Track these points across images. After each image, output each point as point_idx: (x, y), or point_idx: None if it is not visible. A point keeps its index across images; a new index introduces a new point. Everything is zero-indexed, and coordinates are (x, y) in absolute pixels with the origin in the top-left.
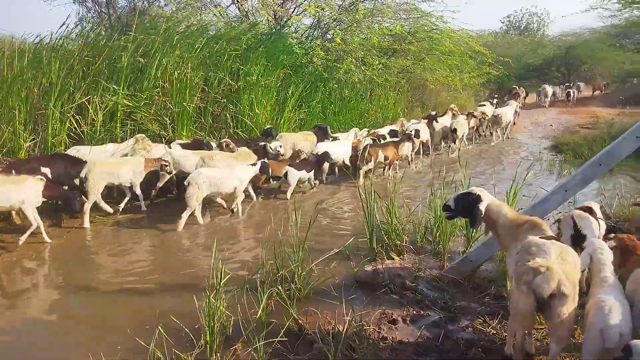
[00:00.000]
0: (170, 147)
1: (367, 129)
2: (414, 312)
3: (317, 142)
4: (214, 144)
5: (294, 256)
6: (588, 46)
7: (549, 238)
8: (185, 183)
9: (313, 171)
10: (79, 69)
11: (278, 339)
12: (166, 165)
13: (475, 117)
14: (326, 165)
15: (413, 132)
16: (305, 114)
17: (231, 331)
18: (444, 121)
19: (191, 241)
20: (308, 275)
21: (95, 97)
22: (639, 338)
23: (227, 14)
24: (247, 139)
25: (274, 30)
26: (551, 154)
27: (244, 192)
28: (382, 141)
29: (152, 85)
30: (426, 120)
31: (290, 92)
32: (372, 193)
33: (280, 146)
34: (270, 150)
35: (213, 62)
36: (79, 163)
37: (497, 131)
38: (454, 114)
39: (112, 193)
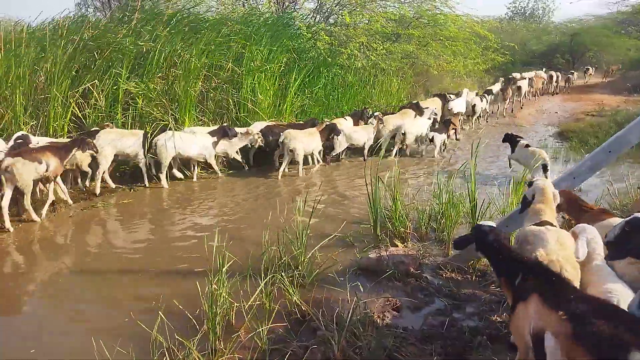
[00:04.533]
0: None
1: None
2: (418, 299)
3: (416, 116)
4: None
5: (297, 242)
6: (593, 33)
7: (542, 224)
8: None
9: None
10: (82, 53)
11: (283, 326)
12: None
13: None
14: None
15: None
16: (309, 100)
17: (234, 317)
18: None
19: (194, 225)
20: (311, 261)
21: (99, 82)
22: None
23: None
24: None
25: (277, 15)
26: (556, 141)
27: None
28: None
29: (155, 70)
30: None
31: (293, 77)
32: (377, 179)
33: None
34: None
35: (217, 48)
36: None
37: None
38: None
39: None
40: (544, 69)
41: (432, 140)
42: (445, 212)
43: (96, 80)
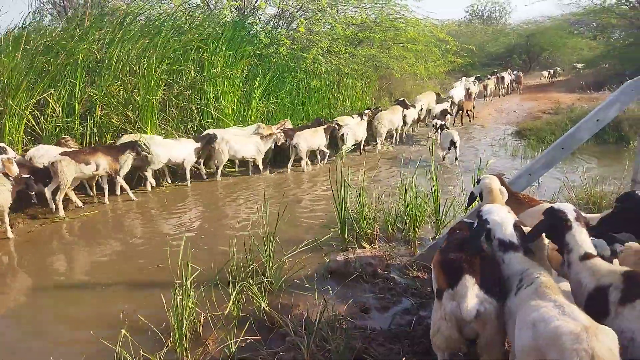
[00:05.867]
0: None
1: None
2: (386, 299)
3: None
4: None
5: (264, 249)
6: (548, 34)
7: None
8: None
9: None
10: (37, 63)
11: (251, 335)
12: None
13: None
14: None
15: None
16: (274, 105)
17: (201, 328)
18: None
19: (159, 236)
20: (279, 267)
21: (55, 92)
22: None
23: (187, 4)
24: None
25: (237, 20)
26: (515, 139)
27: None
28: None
29: (112, 78)
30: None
31: (257, 83)
32: (343, 182)
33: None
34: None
35: (177, 54)
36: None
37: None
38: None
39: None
40: (508, 71)
41: (436, 125)
42: (410, 213)
43: (52, 90)
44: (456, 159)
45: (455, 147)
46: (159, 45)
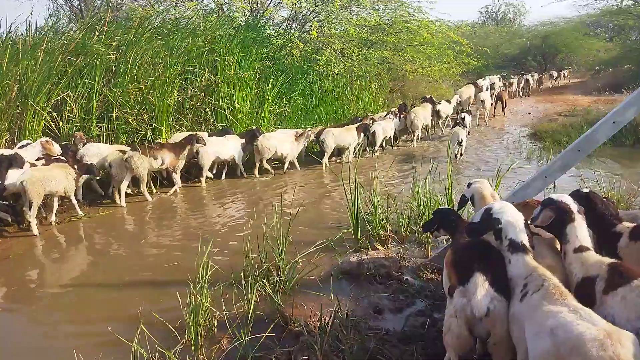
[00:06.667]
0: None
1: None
2: (399, 301)
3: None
4: None
5: (278, 249)
6: (563, 35)
7: None
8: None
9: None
10: (56, 63)
11: (266, 334)
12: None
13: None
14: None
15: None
16: (287, 107)
17: (216, 326)
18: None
19: (174, 235)
20: (293, 267)
21: (72, 93)
22: None
23: (202, 7)
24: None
25: (250, 22)
26: (530, 142)
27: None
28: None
29: (129, 80)
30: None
31: (270, 84)
32: (356, 183)
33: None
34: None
35: (191, 56)
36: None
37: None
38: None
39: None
40: (523, 73)
41: (463, 119)
42: (424, 215)
43: (69, 91)
44: (460, 155)
45: (461, 146)
46: (174, 47)
